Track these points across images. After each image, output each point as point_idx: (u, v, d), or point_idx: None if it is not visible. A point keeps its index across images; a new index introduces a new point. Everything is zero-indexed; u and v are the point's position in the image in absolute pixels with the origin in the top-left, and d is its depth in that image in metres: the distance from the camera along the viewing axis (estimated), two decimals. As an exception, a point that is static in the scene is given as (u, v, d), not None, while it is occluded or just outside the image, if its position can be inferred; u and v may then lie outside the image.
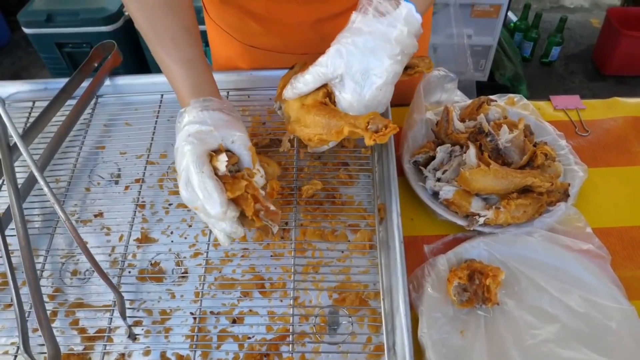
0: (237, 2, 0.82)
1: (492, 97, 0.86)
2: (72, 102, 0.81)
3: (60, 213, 0.64)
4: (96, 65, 0.87)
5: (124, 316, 0.61)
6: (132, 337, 0.61)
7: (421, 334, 0.60)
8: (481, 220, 0.70)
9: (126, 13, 1.99)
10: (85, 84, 0.84)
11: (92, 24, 1.93)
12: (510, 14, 2.72)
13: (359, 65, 0.59)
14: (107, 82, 0.86)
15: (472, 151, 0.72)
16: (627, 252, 0.71)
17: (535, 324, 0.62)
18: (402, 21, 0.58)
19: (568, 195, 0.72)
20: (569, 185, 0.73)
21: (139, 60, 2.13)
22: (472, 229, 0.70)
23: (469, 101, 0.86)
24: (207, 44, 1.01)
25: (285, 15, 0.81)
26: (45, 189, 0.65)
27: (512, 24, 2.69)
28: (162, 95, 0.85)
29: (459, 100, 0.89)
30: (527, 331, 0.62)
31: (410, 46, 0.60)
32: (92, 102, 0.85)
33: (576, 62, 2.71)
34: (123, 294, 0.64)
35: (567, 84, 2.59)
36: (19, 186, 0.69)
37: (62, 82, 0.82)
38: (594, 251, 0.68)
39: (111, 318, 0.63)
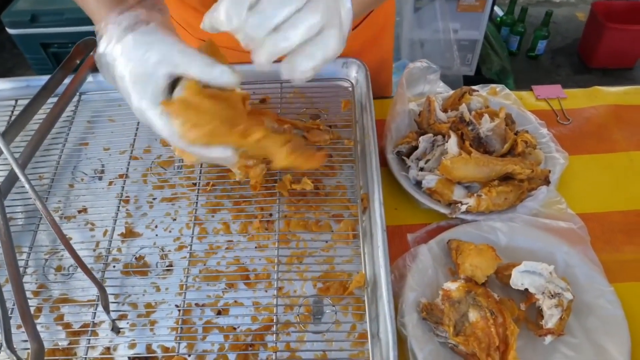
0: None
1: (474, 87, 0.87)
2: (55, 99, 0.81)
3: (41, 209, 0.64)
4: (78, 62, 0.86)
5: (107, 310, 0.61)
6: (116, 330, 0.61)
7: (401, 322, 0.61)
8: (463, 207, 0.70)
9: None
10: (67, 80, 0.84)
11: (78, 23, 1.92)
12: (496, 8, 2.74)
13: None
14: (90, 78, 0.86)
15: (453, 140, 0.73)
16: (607, 237, 0.72)
17: (515, 309, 0.63)
18: None
19: (549, 182, 0.73)
20: (550, 172, 0.74)
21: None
22: (454, 216, 0.71)
23: (452, 92, 0.87)
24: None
25: None
26: (26, 185, 0.65)
27: (498, 19, 2.71)
28: (145, 90, 0.85)
29: (442, 91, 0.90)
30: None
31: None
32: (75, 99, 0.85)
33: (562, 55, 2.73)
34: (108, 288, 0.64)
35: (554, 77, 2.61)
36: (0, 183, 0.69)
37: (44, 79, 0.82)
38: (574, 231, 0.69)
39: (95, 312, 0.63)
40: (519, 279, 0.62)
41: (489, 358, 0.57)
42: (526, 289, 0.62)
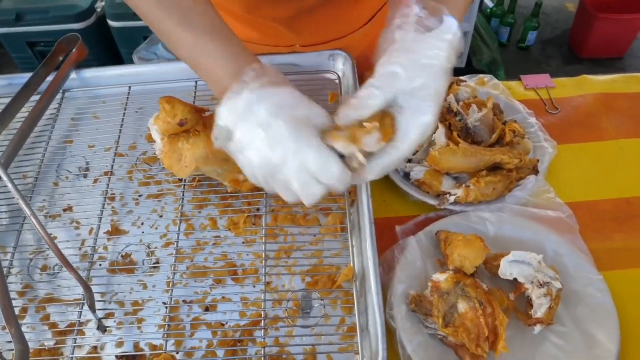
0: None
1: (462, 77, 0.87)
2: (38, 97, 0.80)
3: (24, 208, 0.64)
4: (61, 59, 0.85)
5: (93, 308, 0.60)
6: (102, 329, 0.61)
7: (390, 314, 0.61)
8: (452, 198, 0.70)
9: (98, 9, 1.96)
10: (50, 78, 0.82)
11: (63, 21, 1.90)
12: (486, -1, 2.73)
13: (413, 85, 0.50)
14: (73, 75, 0.85)
15: (440, 131, 0.72)
16: (596, 225, 0.72)
17: (504, 299, 0.63)
18: (451, 36, 0.51)
19: (537, 171, 0.73)
20: (538, 161, 0.74)
21: (113, 58, 2.10)
22: (443, 207, 0.71)
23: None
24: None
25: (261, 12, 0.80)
26: (9, 185, 0.64)
27: (488, 10, 2.70)
28: (129, 87, 0.84)
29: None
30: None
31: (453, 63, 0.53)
32: (59, 96, 0.84)
33: (552, 46, 2.73)
34: (94, 287, 0.64)
35: (544, 68, 2.61)
36: (-18, 182, 0.68)
37: (26, 77, 0.80)
38: (563, 220, 0.69)
39: (81, 312, 0.63)
40: (507, 269, 0.62)
41: (478, 348, 0.57)
42: (515, 279, 0.62)
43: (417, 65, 0.49)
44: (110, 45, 2.07)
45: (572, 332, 0.61)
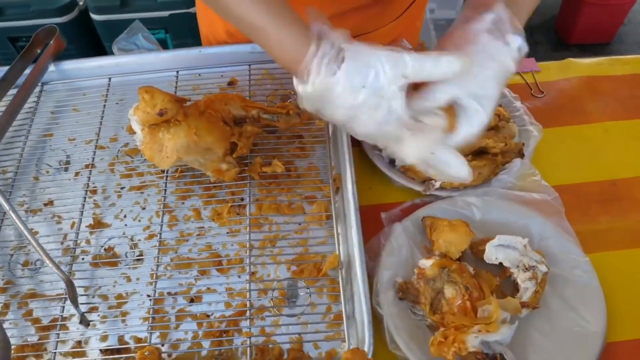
0: None
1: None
2: (16, 90, 0.78)
3: (3, 203, 0.63)
4: (39, 51, 0.84)
5: (75, 303, 0.59)
6: (86, 323, 0.60)
7: (376, 301, 0.60)
8: (437, 184, 0.70)
9: (80, 3, 1.93)
10: (28, 71, 0.81)
11: (45, 15, 1.86)
12: (473, -13, 2.72)
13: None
14: (52, 67, 0.83)
15: (425, 116, 0.72)
16: (582, 208, 0.72)
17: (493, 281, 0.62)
18: (517, 56, 0.53)
19: (523, 155, 0.73)
20: (523, 144, 0.74)
21: (97, 52, 2.07)
22: (428, 193, 0.70)
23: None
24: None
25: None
26: (-14, 179, 0.63)
27: (475, -3, 2.69)
28: (109, 78, 0.83)
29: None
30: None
31: None
32: (38, 89, 0.82)
33: (540, 32, 2.72)
34: (77, 281, 0.63)
35: (532, 54, 2.58)
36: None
37: (2, 70, 0.79)
38: (549, 202, 0.69)
39: (64, 306, 0.62)
40: (493, 254, 0.61)
41: (465, 333, 0.57)
42: (501, 263, 0.61)
43: (492, 74, 0.52)
44: (94, 39, 2.04)
45: (559, 314, 0.61)
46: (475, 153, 0.72)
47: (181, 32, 1.90)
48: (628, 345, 0.61)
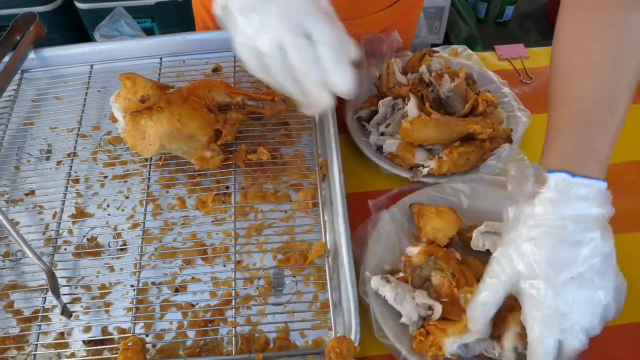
0: None
1: (434, 48, 0.85)
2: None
3: (-19, 192, 0.61)
4: (18, 38, 0.81)
5: (56, 293, 0.58)
6: (67, 314, 0.59)
7: (363, 290, 0.60)
8: (425, 170, 0.69)
9: (65, -10, 1.89)
10: (7, 59, 0.79)
11: (29, 4, 1.81)
12: (463, -26, 2.70)
13: None
14: (32, 55, 0.81)
15: (412, 102, 0.71)
16: (570, 193, 0.72)
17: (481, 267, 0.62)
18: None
19: (511, 141, 0.72)
20: (512, 130, 0.73)
21: (82, 41, 2.03)
22: (416, 180, 0.70)
23: (411, 54, 0.85)
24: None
25: None
26: (-37, 168, 0.61)
27: (465, -15, 2.68)
28: (91, 65, 0.81)
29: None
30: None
31: None
32: (17, 77, 0.80)
33: (530, 21, 2.72)
34: (59, 271, 0.62)
35: (522, 43, 2.60)
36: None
37: (-19, 57, 0.77)
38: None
39: (45, 297, 0.60)
40: (479, 240, 0.61)
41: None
42: (488, 250, 0.61)
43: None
44: (79, 28, 2.00)
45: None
46: (463, 139, 0.71)
47: (168, 20, 1.88)
48: (618, 330, 0.61)
